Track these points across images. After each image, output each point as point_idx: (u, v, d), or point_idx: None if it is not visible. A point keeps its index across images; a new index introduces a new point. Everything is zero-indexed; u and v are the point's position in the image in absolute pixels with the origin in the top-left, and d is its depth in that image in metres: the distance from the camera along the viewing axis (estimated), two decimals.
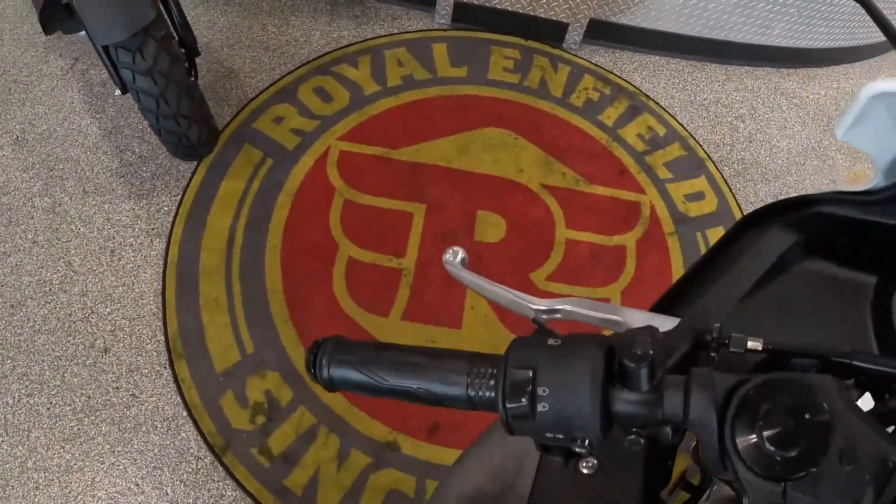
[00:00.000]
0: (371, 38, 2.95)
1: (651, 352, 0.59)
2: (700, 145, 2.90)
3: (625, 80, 3.04)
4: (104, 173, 2.46)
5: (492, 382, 0.62)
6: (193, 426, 2.04)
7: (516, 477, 0.82)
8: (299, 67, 2.81)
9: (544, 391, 0.60)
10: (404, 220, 2.47)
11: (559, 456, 0.66)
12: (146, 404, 2.07)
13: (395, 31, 3.01)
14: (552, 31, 3.03)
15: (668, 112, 2.98)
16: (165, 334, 2.17)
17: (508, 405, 0.60)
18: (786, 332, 0.88)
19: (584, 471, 0.72)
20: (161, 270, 2.28)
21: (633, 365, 0.59)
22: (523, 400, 0.60)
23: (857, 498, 0.54)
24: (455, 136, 2.70)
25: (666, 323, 0.74)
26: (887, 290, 0.91)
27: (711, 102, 3.10)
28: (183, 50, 2.22)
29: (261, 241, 2.36)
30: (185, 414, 2.05)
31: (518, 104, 2.85)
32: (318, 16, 3.01)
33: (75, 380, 2.08)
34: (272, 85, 2.75)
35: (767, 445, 0.56)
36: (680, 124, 2.95)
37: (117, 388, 2.08)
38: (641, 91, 3.02)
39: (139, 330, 2.17)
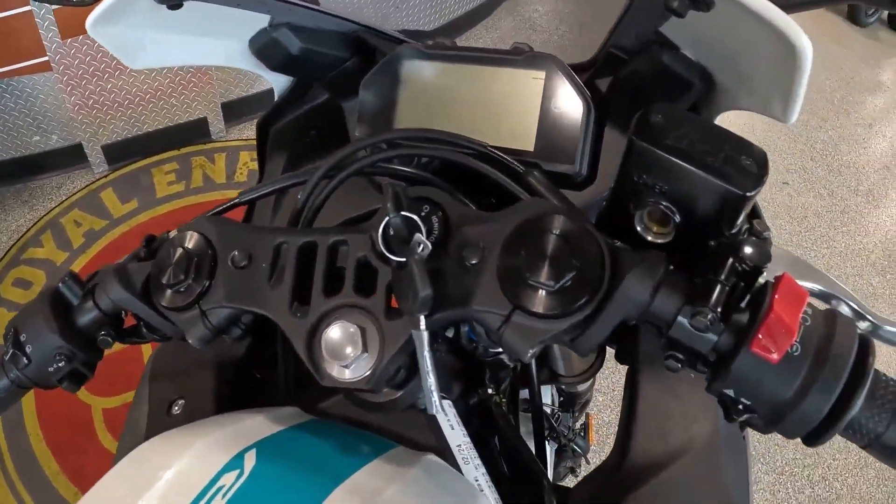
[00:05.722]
0: (45, 214, 3.17)
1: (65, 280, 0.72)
2: None
3: None
4: None
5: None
6: None
7: None
8: None
9: (23, 337, 0.70)
10: (136, 353, 2.72)
11: (73, 384, 0.75)
12: None
13: (64, 196, 3.22)
14: (198, 130, 3.36)
15: None
16: None
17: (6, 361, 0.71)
18: None
19: (176, 411, 0.86)
20: None
21: (60, 285, 0.72)
22: (11, 348, 0.70)
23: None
24: None
25: None
26: None
27: None
28: None
29: (24, 438, 2.56)
30: None
31: (191, 207, 3.16)
32: None
33: None
34: None
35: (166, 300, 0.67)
36: None
37: None
38: None
39: None
